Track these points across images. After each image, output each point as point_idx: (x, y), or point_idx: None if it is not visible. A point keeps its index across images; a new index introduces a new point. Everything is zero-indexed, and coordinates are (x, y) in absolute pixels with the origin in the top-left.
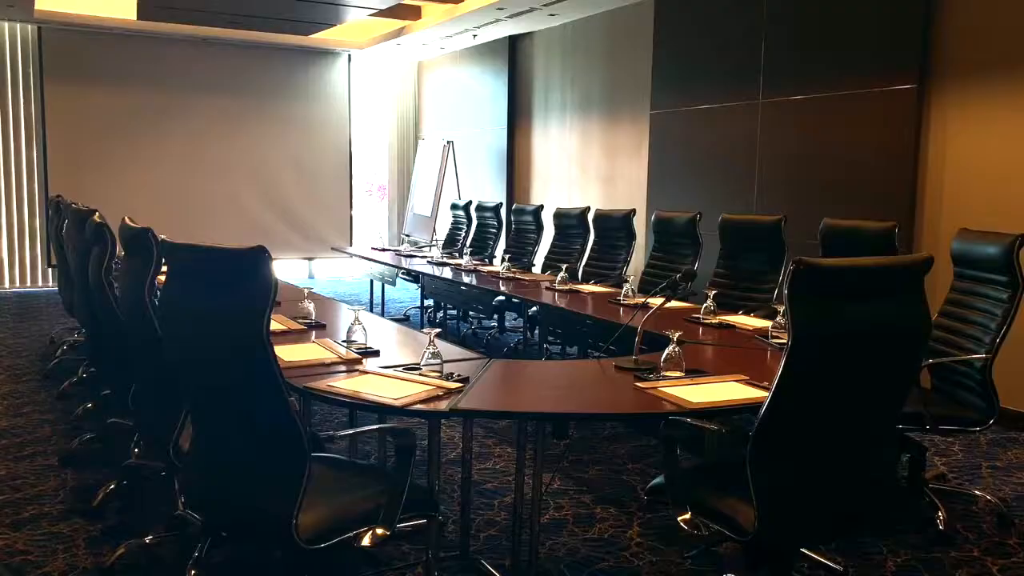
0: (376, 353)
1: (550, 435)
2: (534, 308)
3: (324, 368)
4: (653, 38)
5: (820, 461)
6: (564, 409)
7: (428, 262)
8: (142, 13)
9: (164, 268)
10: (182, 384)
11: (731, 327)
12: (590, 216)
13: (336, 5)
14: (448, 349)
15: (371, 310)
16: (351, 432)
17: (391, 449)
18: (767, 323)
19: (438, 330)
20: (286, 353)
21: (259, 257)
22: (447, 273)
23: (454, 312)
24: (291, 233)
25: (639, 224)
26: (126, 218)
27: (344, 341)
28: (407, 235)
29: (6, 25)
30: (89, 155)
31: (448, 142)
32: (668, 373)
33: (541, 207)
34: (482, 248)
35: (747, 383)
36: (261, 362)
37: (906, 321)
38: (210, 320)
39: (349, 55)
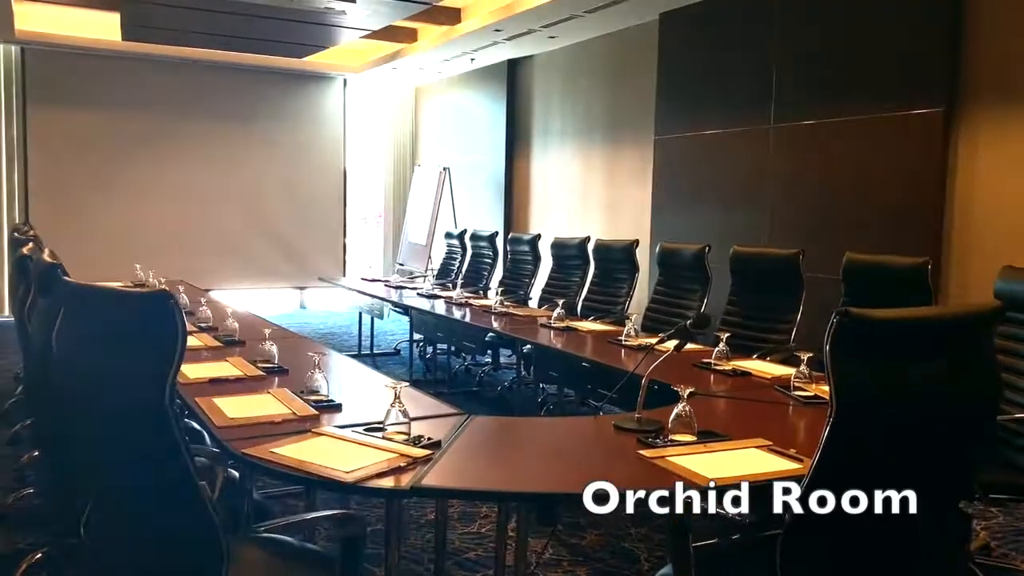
0: (338, 408)
1: (533, 519)
2: (528, 346)
3: (272, 427)
4: (658, 60)
5: (872, 553)
6: (551, 487)
7: (418, 294)
8: (127, 34)
9: None
10: (74, 453)
11: (747, 375)
12: (590, 246)
13: (327, 26)
14: (421, 402)
15: (360, 344)
16: (281, 523)
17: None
18: (787, 370)
19: (406, 384)
20: (233, 407)
21: (161, 305)
22: (438, 306)
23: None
24: (283, 262)
25: (643, 256)
26: (46, 251)
27: (303, 392)
28: (401, 264)
29: None
30: (71, 181)
31: (444, 168)
32: (677, 436)
33: (538, 236)
34: (476, 279)
35: (770, 450)
36: (163, 438)
37: (974, 383)
38: (101, 380)
39: (344, 79)
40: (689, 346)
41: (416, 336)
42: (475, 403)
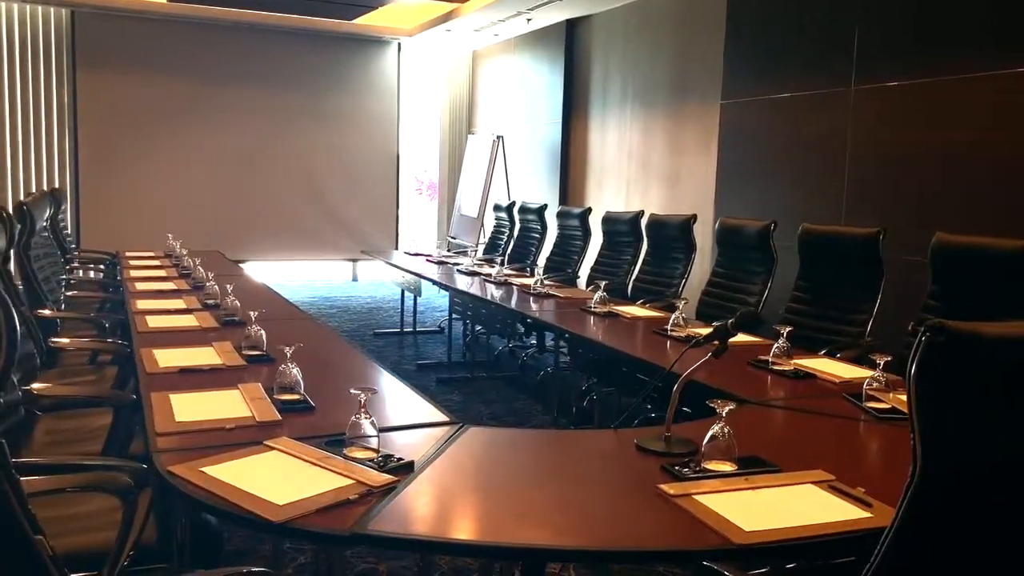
0: (310, 410)
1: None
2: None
3: (222, 435)
4: (727, 16)
5: None
6: (537, 538)
7: (458, 271)
8: None
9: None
10: None
11: (811, 376)
12: (643, 222)
13: None
14: (410, 405)
15: (402, 321)
16: None
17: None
18: (859, 372)
19: (374, 390)
20: (189, 406)
21: None
22: (475, 284)
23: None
24: (334, 233)
25: (707, 233)
26: None
27: (274, 388)
28: (453, 237)
29: (40, 9)
30: (122, 147)
31: (498, 137)
32: (712, 465)
33: (589, 210)
34: (524, 255)
35: (831, 487)
36: None
37: None
38: None
39: (399, 43)
40: (745, 339)
41: (456, 315)
42: (514, 389)
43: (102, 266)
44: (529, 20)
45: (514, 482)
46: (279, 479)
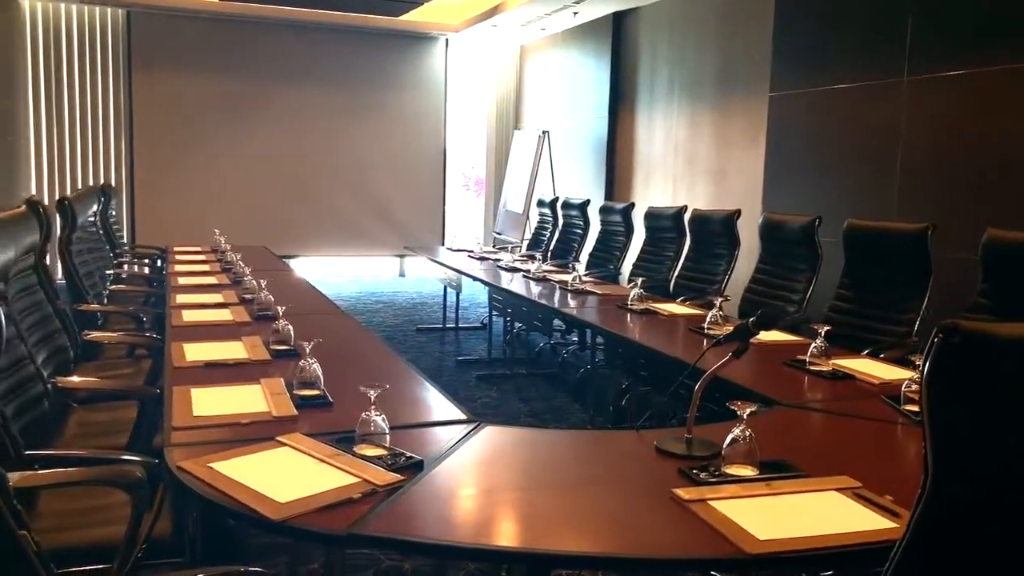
0: (328, 406)
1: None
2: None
3: (237, 430)
4: (775, 6)
5: None
6: (539, 544)
7: (497, 267)
8: None
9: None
10: None
11: (849, 377)
12: (686, 217)
13: None
14: (428, 401)
15: (444, 316)
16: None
17: None
18: (901, 373)
19: (385, 386)
20: (209, 400)
21: None
22: (514, 280)
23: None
24: (382, 229)
25: (754, 229)
26: None
27: (293, 383)
28: (498, 233)
29: (97, 10)
30: (175, 144)
31: (543, 132)
32: (732, 469)
33: (632, 205)
34: (567, 251)
35: (856, 495)
36: None
37: None
38: None
39: (446, 39)
40: (784, 338)
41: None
42: (553, 387)
43: (150, 261)
44: (576, 14)
45: (524, 483)
46: (285, 476)
